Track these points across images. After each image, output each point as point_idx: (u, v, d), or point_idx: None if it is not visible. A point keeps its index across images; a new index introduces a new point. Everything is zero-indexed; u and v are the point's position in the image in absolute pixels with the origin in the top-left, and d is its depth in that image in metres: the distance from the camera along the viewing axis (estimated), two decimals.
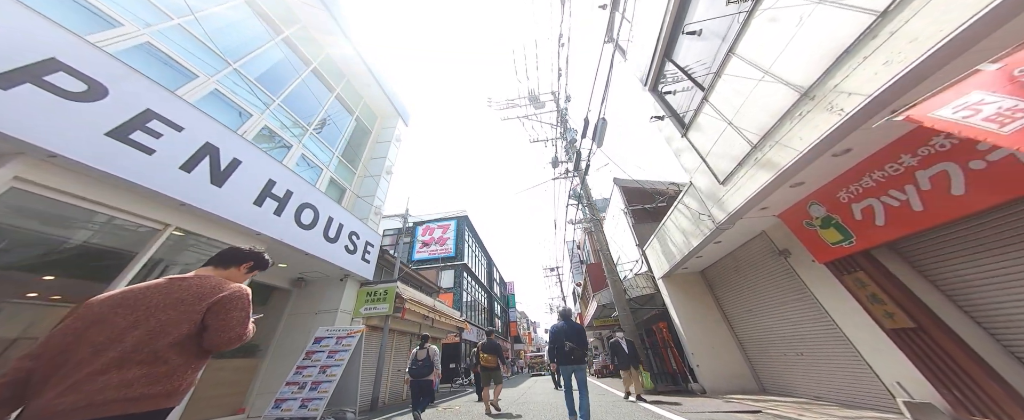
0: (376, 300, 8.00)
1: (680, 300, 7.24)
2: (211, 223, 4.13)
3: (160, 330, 1.11)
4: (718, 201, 4.58)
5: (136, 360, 1.05)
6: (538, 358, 27.05)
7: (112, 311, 1.11)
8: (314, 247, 5.90)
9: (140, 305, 1.15)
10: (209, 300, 1.23)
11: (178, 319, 1.15)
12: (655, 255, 7.96)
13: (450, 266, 19.73)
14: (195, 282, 1.27)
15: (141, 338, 1.08)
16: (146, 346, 1.08)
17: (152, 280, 1.26)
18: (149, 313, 1.13)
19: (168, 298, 1.19)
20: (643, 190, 10.49)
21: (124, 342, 1.06)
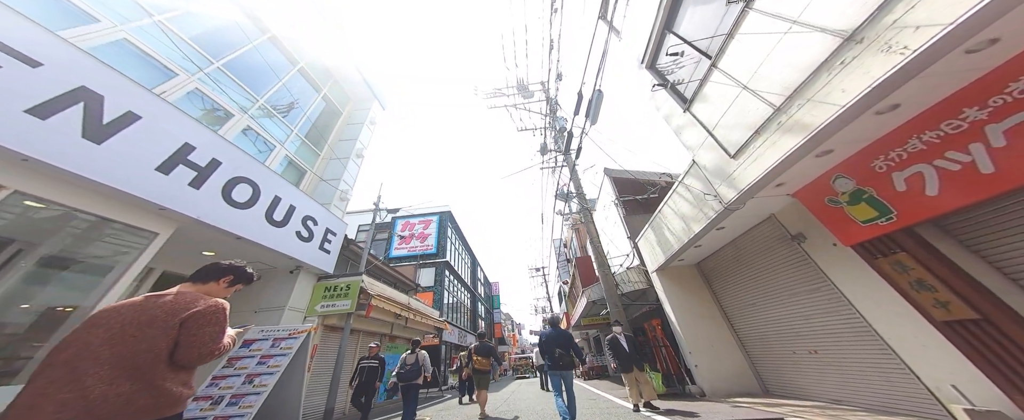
0: (336, 296, 7.04)
1: (676, 295, 6.64)
2: (81, 190, 3.18)
3: (137, 347, 1.19)
4: (727, 178, 3.96)
5: (122, 376, 1.13)
6: (524, 360, 26.28)
7: (87, 332, 1.19)
8: (250, 230, 4.93)
9: (114, 323, 1.22)
10: (181, 315, 1.28)
11: (155, 335, 1.22)
12: (648, 247, 7.35)
13: (431, 263, 18.72)
14: (170, 299, 1.33)
15: (118, 354, 1.16)
16: (127, 362, 1.16)
17: (130, 299, 1.33)
18: (123, 331, 1.20)
19: (142, 315, 1.25)
20: (635, 181, 9.94)
21: (99, 360, 1.13)
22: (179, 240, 4.51)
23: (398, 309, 8.45)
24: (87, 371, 1.09)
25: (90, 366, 1.10)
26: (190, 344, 1.26)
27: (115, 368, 1.13)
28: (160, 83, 5.00)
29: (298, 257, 6.06)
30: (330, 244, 7.19)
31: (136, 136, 3.55)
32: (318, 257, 6.70)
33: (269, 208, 5.42)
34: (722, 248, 5.80)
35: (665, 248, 6.30)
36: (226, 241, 4.91)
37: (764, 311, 5.10)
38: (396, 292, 9.16)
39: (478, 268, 30.46)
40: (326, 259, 7.02)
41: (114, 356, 1.14)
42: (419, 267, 18.46)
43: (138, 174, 3.52)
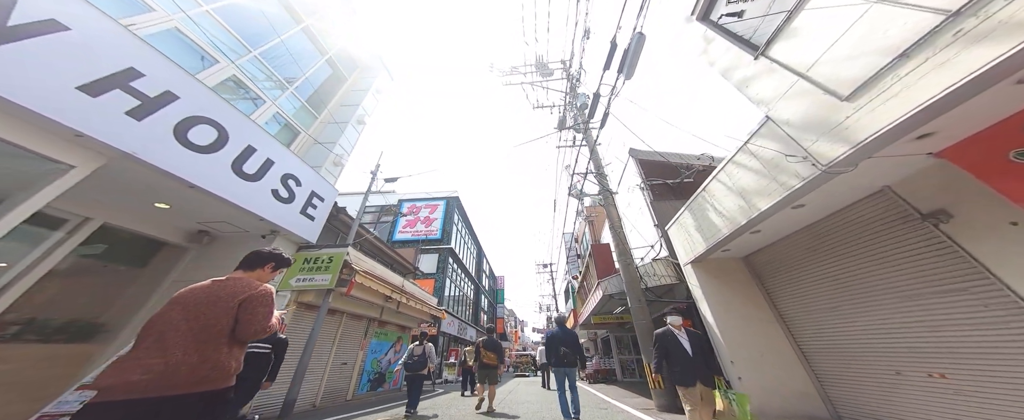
0: (315, 269, 6.14)
1: (715, 292, 5.44)
2: None
3: (206, 324, 1.43)
4: (831, 130, 2.77)
5: (193, 346, 1.37)
6: (524, 357, 25.30)
7: (178, 302, 1.47)
8: (209, 180, 4.03)
9: (189, 302, 1.47)
10: (240, 297, 1.53)
11: (221, 314, 1.47)
12: (682, 235, 6.15)
13: (434, 249, 17.85)
14: (230, 283, 1.59)
15: (199, 328, 1.41)
16: (199, 335, 1.40)
17: (198, 283, 1.59)
18: (197, 310, 1.45)
19: (210, 297, 1.51)
20: (665, 163, 8.71)
21: (178, 330, 1.38)
22: (118, 185, 3.73)
23: (389, 290, 7.51)
24: (170, 342, 1.35)
25: (172, 337, 1.37)
26: (247, 322, 1.51)
27: (189, 341, 1.38)
28: (133, 15, 4.23)
29: (272, 219, 5.14)
30: (316, 210, 6.26)
31: (55, 47, 2.87)
32: (299, 223, 5.78)
33: (239, 158, 4.54)
34: (790, 236, 4.55)
35: (708, 235, 5.10)
36: (177, 189, 3.99)
37: (852, 318, 3.85)
38: (389, 272, 8.23)
39: (484, 259, 29.56)
40: (309, 226, 6.08)
41: (189, 330, 1.40)
42: (421, 252, 17.61)
43: (48, 89, 2.77)
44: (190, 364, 1.33)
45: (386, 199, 20.35)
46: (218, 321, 1.44)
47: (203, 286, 1.55)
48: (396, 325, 9.66)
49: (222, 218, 4.99)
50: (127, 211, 4.45)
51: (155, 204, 4.45)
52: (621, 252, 7.02)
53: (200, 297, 1.49)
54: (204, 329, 1.41)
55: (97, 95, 3.10)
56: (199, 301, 1.47)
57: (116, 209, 4.33)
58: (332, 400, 6.74)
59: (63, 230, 3.85)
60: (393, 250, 10.39)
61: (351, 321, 7.55)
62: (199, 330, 1.40)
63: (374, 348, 8.53)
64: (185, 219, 4.98)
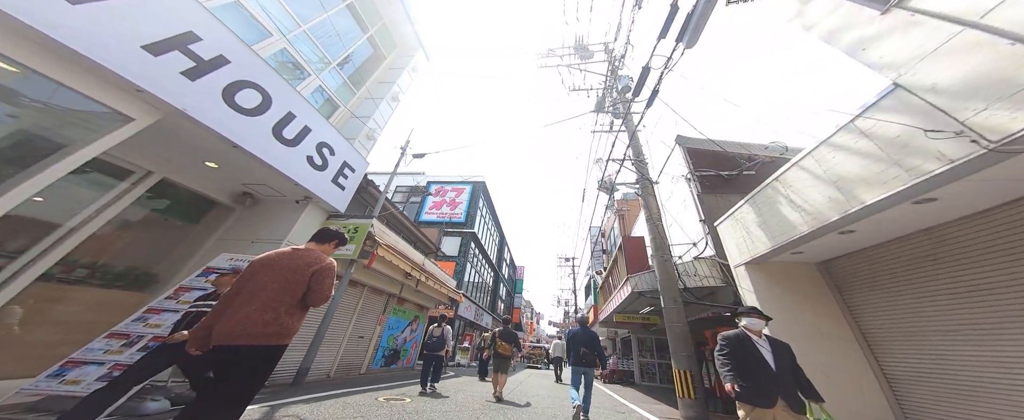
0: None
1: (775, 300, 4.70)
2: (59, 60, 2.74)
3: (288, 287, 1.68)
4: (1014, 95, 2.02)
5: (271, 305, 1.61)
6: (537, 349, 25.09)
7: (261, 267, 1.72)
8: (251, 142, 4.19)
9: (278, 266, 1.72)
10: (314, 268, 1.76)
11: (297, 280, 1.70)
12: (738, 233, 5.40)
13: (457, 232, 17.74)
14: (305, 253, 1.83)
15: (278, 290, 1.65)
16: (278, 297, 1.64)
17: (280, 250, 1.86)
18: (281, 274, 1.70)
19: (292, 263, 1.75)
20: (720, 153, 7.80)
21: (268, 291, 1.64)
22: (172, 141, 4.01)
23: (409, 267, 7.31)
24: (257, 297, 1.62)
25: (260, 294, 1.63)
26: (317, 290, 1.74)
27: (270, 298, 1.63)
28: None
29: (307, 185, 5.24)
30: (346, 180, 6.26)
31: (123, 6, 3.06)
32: (331, 191, 5.81)
33: (279, 123, 4.64)
34: (898, 239, 3.71)
35: (776, 233, 4.35)
36: (223, 149, 4.17)
37: (976, 345, 3.06)
38: (411, 249, 8.04)
39: (505, 247, 29.37)
40: (339, 195, 6.07)
41: (274, 290, 1.65)
42: (444, 234, 17.56)
43: (118, 47, 2.97)
44: (265, 320, 1.55)
45: (415, 180, 20.48)
46: (295, 286, 1.67)
47: (285, 252, 1.79)
48: (415, 303, 9.56)
49: (261, 180, 5.13)
50: (182, 168, 4.70)
51: (206, 163, 4.68)
52: (658, 247, 6.35)
53: (285, 263, 1.72)
54: (284, 290, 1.64)
55: (158, 54, 3.27)
56: (283, 266, 1.71)
57: (173, 166, 4.58)
58: (346, 372, 6.70)
59: (128, 181, 4.14)
60: (417, 228, 10.24)
61: (371, 295, 7.46)
62: (280, 291, 1.63)
63: (391, 324, 8.46)
64: (231, 180, 5.19)
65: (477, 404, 4.77)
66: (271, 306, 1.60)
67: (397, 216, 8.79)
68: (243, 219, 5.65)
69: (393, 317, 8.51)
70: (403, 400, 4.41)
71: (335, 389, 4.89)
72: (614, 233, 17.81)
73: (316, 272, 1.75)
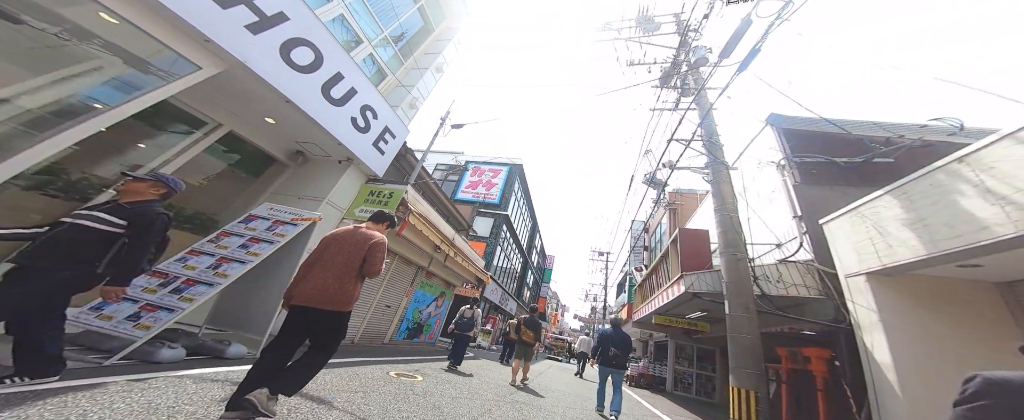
0: (377, 201, 5.70)
1: (919, 326, 3.54)
2: (148, 10, 2.92)
3: (350, 260, 1.98)
4: None
5: (339, 276, 1.92)
6: (560, 341, 24.49)
7: (331, 240, 2.08)
8: (301, 98, 4.19)
9: (344, 241, 2.04)
10: (370, 242, 2.06)
11: (357, 254, 2.00)
12: (860, 234, 4.22)
13: (491, 213, 17.31)
14: (363, 231, 2.12)
15: (343, 263, 1.96)
16: (343, 269, 1.94)
17: (345, 227, 2.18)
18: (345, 248, 2.01)
19: (354, 238, 2.06)
20: (833, 136, 6.28)
21: (336, 263, 1.95)
22: (234, 93, 4.13)
23: (439, 240, 6.87)
24: (328, 267, 1.94)
25: (330, 265, 1.95)
26: (373, 262, 2.03)
27: (338, 269, 1.93)
28: None
29: (350, 146, 5.20)
30: (387, 145, 6.07)
31: None
32: (371, 155, 5.69)
33: (328, 83, 4.60)
34: None
35: (941, 235, 3.16)
36: (277, 103, 4.20)
37: None
38: (442, 222, 7.60)
39: (537, 235, 28.70)
40: (379, 160, 5.92)
41: (341, 263, 1.95)
42: (477, 213, 17.22)
43: (197, 3, 3.11)
44: (334, 288, 1.88)
45: (455, 159, 20.28)
46: (355, 258, 1.99)
47: (348, 230, 2.13)
48: (442, 279, 9.23)
49: (310, 138, 5.15)
50: (246, 122, 4.81)
51: (265, 118, 4.66)
52: (729, 242, 5.26)
53: (349, 239, 2.05)
54: (347, 262, 1.96)
55: (227, 7, 3.33)
56: (347, 242, 2.04)
57: (238, 119, 4.70)
58: (370, 341, 6.49)
59: (202, 130, 4.35)
60: (452, 203, 9.82)
61: (401, 265, 7.15)
62: (344, 263, 1.96)
63: (418, 298, 8.19)
64: (286, 137, 5.21)
65: (490, 392, 4.30)
66: (339, 276, 1.90)
67: (432, 187, 8.38)
68: (295, 176, 5.72)
69: (420, 290, 8.24)
70: (414, 378, 3.94)
71: (353, 357, 4.58)
72: (661, 229, 16.35)
73: (372, 245, 2.04)
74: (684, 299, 6.49)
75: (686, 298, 6.42)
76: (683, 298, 6.57)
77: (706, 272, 5.86)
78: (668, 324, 8.96)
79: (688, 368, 11.02)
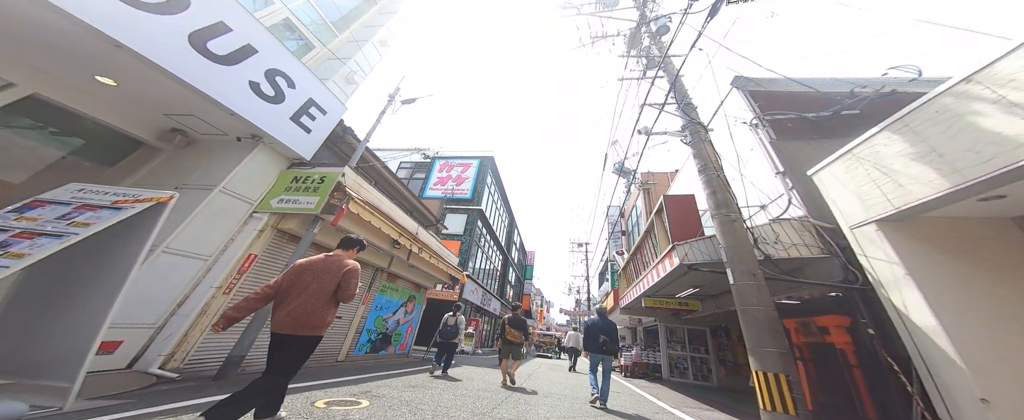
0: (303, 189, 4.60)
1: (950, 275, 3.01)
2: None
3: (323, 287, 2.08)
4: None
5: (312, 302, 2.02)
6: (548, 338, 23.84)
7: (305, 269, 2.13)
8: (145, 41, 3.02)
9: (314, 270, 2.13)
10: (343, 270, 2.16)
11: (330, 281, 2.10)
12: (859, 179, 3.70)
13: (463, 209, 16.29)
14: (335, 258, 2.23)
15: (316, 290, 2.05)
16: (316, 295, 2.04)
17: (315, 256, 2.25)
18: (318, 275, 2.10)
19: (325, 266, 2.15)
20: (800, 94, 5.99)
21: (308, 291, 2.04)
22: (50, 47, 3.03)
23: (396, 233, 5.84)
24: (302, 294, 2.02)
25: (304, 292, 2.03)
26: (347, 287, 2.13)
27: (312, 295, 2.03)
28: None
29: (253, 119, 4.04)
30: (314, 122, 5.02)
31: None
32: (289, 132, 4.57)
33: (202, 32, 3.50)
34: None
35: (963, 163, 2.64)
36: (115, 58, 3.05)
37: None
38: (400, 213, 6.57)
39: (515, 231, 27.92)
40: (302, 139, 4.83)
41: (313, 289, 2.05)
42: (446, 208, 16.14)
43: None
44: (307, 314, 1.98)
45: (421, 156, 19.06)
46: (329, 285, 2.08)
47: (320, 259, 2.21)
48: (410, 281, 8.17)
49: (187, 109, 3.93)
50: (62, 83, 3.51)
51: (97, 78, 3.45)
52: (720, 203, 4.67)
53: (321, 267, 2.13)
54: (320, 290, 2.05)
55: None
56: (320, 270, 2.12)
57: (50, 80, 3.42)
58: (318, 360, 5.35)
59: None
60: (411, 193, 8.76)
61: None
62: (317, 291, 2.04)
63: (380, 304, 7.10)
64: (146, 109, 4.01)
65: (474, 402, 3.47)
66: (312, 303, 2.02)
67: (385, 174, 7.29)
68: (173, 162, 4.41)
69: (382, 296, 7.14)
70: (356, 404, 2.96)
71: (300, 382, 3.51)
72: (637, 212, 16.02)
73: (346, 272, 2.16)
74: (678, 274, 5.86)
75: (680, 272, 5.78)
76: (677, 273, 5.93)
77: (699, 240, 5.25)
78: (658, 306, 8.39)
79: (681, 352, 10.59)
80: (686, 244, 5.21)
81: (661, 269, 6.27)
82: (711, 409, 5.55)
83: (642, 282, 8.44)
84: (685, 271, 5.57)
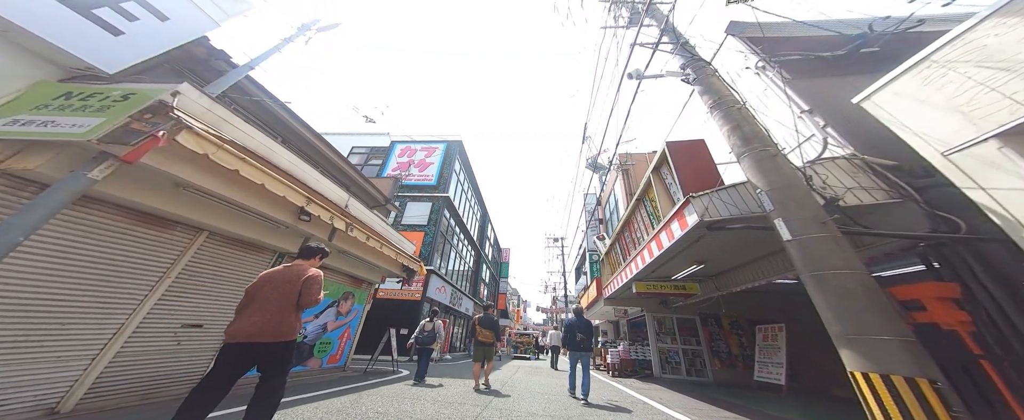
0: (77, 109, 2.65)
1: None
2: None
3: (285, 296, 2.15)
4: None
5: (277, 310, 2.10)
6: (525, 337, 22.38)
7: (265, 282, 2.21)
8: None
9: (275, 280, 2.21)
10: (304, 278, 2.24)
11: (291, 290, 2.18)
12: (954, 86, 2.52)
13: (427, 197, 14.42)
14: (296, 268, 2.32)
15: (278, 299, 2.14)
16: (279, 303, 2.12)
17: (278, 266, 2.36)
18: (279, 285, 2.19)
19: (286, 276, 2.23)
20: (801, 39, 4.92)
21: (270, 300, 2.12)
22: None
23: (304, 198, 4.00)
24: (265, 305, 2.10)
25: (266, 303, 2.11)
26: (308, 294, 2.22)
27: (275, 305, 2.11)
28: None
29: None
30: (132, 25, 3.31)
31: None
32: (66, 23, 2.85)
33: None
34: None
35: None
36: None
37: None
38: (312, 173, 4.75)
39: (489, 225, 26.25)
40: (103, 42, 3.10)
41: (275, 299, 2.13)
42: (405, 195, 14.20)
43: None
44: (274, 323, 2.06)
45: (377, 141, 16.92)
46: (290, 295, 2.16)
47: (280, 269, 2.29)
48: (343, 274, 6.31)
49: None
50: None
51: None
52: (747, 137, 3.41)
53: (281, 277, 2.21)
54: (282, 298, 2.13)
55: None
56: (280, 280, 2.20)
57: None
58: (157, 389, 3.41)
59: None
60: (341, 158, 6.89)
61: (230, 247, 4.13)
62: (279, 299, 2.12)
63: None
64: None
65: None
66: (276, 312, 2.09)
67: (287, 120, 5.36)
68: None
69: None
70: None
71: None
72: (615, 198, 14.96)
73: (306, 279, 2.24)
74: (688, 242, 4.50)
75: (692, 238, 4.42)
76: (687, 239, 4.53)
77: (721, 190, 3.91)
78: (651, 292, 7.12)
79: (672, 345, 9.45)
80: (705, 195, 3.85)
81: (664, 239, 4.91)
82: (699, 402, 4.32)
83: (631, 266, 7.13)
84: (700, 235, 4.23)
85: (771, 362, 6.43)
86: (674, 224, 4.39)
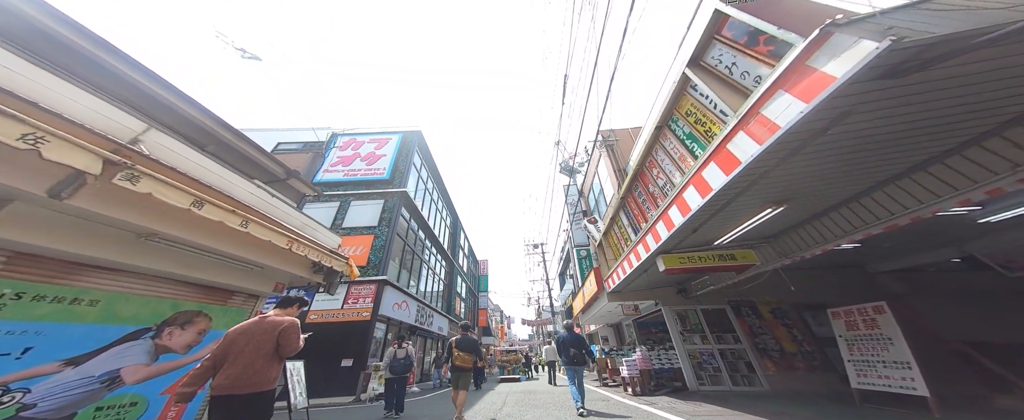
0: None
1: None
2: None
3: (260, 347, 2.18)
4: None
5: (252, 362, 2.12)
6: (512, 355, 19.51)
7: (237, 336, 2.21)
8: None
9: (249, 332, 2.23)
10: (279, 329, 2.28)
11: (266, 340, 2.21)
12: None
13: (378, 194, 11.73)
14: (271, 319, 2.32)
15: (253, 350, 2.16)
16: (254, 354, 2.15)
17: (252, 319, 2.34)
18: (253, 337, 2.21)
19: (259, 328, 2.25)
20: None
21: (245, 353, 2.14)
22: None
23: (106, 149, 1.45)
24: (240, 358, 2.12)
25: (242, 356, 2.13)
26: (286, 344, 2.27)
27: (250, 357, 2.13)
28: None
29: None
30: None
31: None
32: None
33: None
34: None
35: None
36: None
37: None
38: (118, 112, 2.17)
39: (461, 233, 23.56)
40: None
41: (251, 351, 2.15)
42: (343, 190, 11.45)
43: None
44: (249, 374, 2.09)
45: (316, 135, 14.09)
46: (266, 345, 2.20)
47: (255, 321, 2.30)
48: (175, 281, 3.53)
49: None
50: None
51: None
52: None
53: (256, 330, 2.24)
54: (258, 350, 2.17)
55: None
56: (255, 333, 2.22)
57: None
58: None
59: None
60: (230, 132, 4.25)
61: None
62: (254, 351, 2.16)
63: (52, 334, 2.41)
64: None
65: None
66: (250, 363, 2.12)
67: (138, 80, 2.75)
68: None
69: (49, 322, 2.47)
70: None
71: None
72: (598, 184, 13.09)
73: (282, 331, 2.27)
74: (812, 128, 2.36)
75: (840, 109, 2.28)
76: (817, 118, 2.42)
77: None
78: (687, 267, 4.97)
79: (703, 346, 7.30)
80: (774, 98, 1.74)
81: (744, 144, 2.77)
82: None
83: (651, 234, 4.98)
84: (849, 107, 2.08)
85: (881, 361, 4.40)
86: (778, 99, 2.24)
